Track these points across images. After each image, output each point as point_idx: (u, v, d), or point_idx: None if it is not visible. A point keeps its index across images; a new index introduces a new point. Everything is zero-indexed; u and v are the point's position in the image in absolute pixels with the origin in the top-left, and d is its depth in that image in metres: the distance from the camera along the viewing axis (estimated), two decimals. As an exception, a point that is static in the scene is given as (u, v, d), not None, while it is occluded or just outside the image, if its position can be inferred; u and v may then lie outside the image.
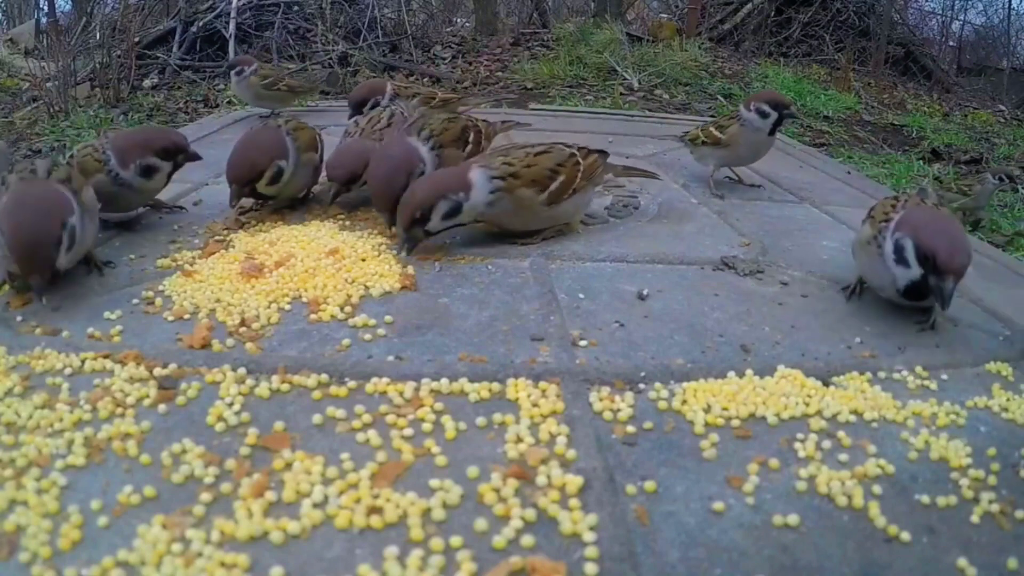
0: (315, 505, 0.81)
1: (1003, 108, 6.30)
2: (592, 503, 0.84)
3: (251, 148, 1.63)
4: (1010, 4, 9.57)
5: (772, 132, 2.06)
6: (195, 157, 1.62)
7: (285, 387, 1.03)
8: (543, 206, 1.56)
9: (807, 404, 1.04)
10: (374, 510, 0.80)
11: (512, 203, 1.52)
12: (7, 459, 0.86)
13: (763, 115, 2.03)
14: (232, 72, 3.07)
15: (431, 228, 1.48)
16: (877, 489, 0.88)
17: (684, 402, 1.04)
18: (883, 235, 1.30)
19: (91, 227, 1.34)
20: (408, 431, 0.95)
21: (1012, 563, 0.78)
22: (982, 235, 2.55)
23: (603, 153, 1.73)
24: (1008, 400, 1.09)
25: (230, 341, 1.15)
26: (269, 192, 1.66)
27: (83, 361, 1.07)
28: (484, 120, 1.96)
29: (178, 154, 1.57)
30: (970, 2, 9.91)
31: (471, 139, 1.77)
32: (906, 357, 1.21)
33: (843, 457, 0.94)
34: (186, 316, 1.23)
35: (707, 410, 1.02)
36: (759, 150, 2.13)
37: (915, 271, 1.23)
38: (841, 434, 0.98)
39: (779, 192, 2.25)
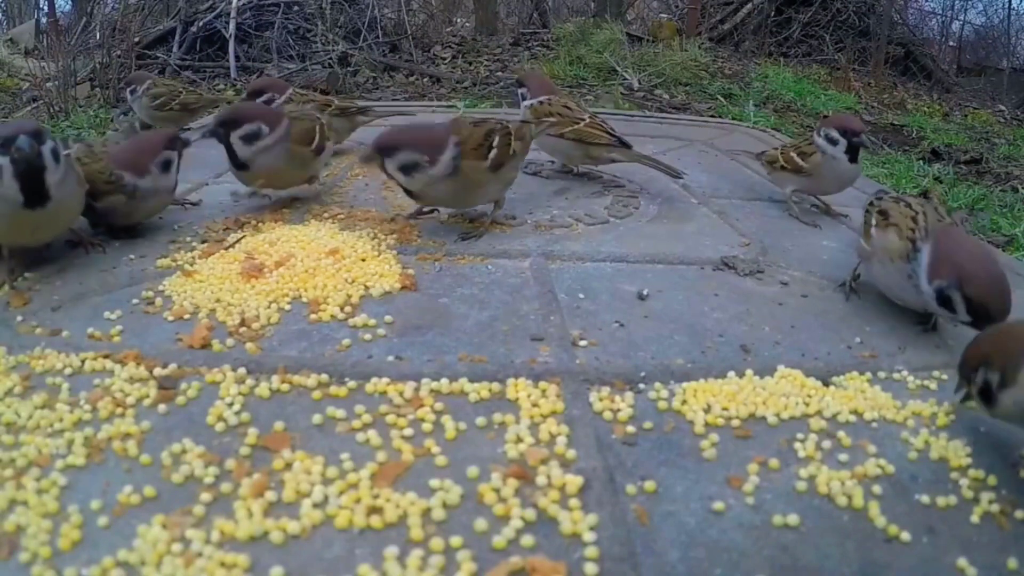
0: (315, 505, 0.81)
1: (1003, 108, 6.30)
2: (592, 503, 0.84)
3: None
4: (1010, 4, 9.56)
5: (853, 160, 1.86)
6: (186, 143, 1.71)
7: (285, 387, 1.03)
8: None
9: (807, 404, 1.04)
10: (374, 510, 0.81)
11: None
12: (7, 459, 0.86)
13: (832, 142, 1.86)
14: (127, 90, 2.78)
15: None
16: (877, 489, 0.88)
17: (684, 402, 1.04)
18: (914, 264, 1.25)
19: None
20: (408, 431, 0.95)
21: (1012, 563, 0.78)
22: (982, 236, 2.55)
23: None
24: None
25: (230, 341, 1.15)
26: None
27: (83, 361, 1.07)
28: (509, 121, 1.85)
29: (176, 141, 1.65)
30: (970, 2, 9.91)
31: (496, 143, 1.65)
32: (906, 357, 1.21)
33: (843, 457, 0.94)
34: (186, 316, 1.23)
35: (707, 410, 1.02)
36: (843, 180, 1.92)
37: (963, 317, 1.17)
38: (841, 434, 0.98)
39: (779, 192, 2.24)
